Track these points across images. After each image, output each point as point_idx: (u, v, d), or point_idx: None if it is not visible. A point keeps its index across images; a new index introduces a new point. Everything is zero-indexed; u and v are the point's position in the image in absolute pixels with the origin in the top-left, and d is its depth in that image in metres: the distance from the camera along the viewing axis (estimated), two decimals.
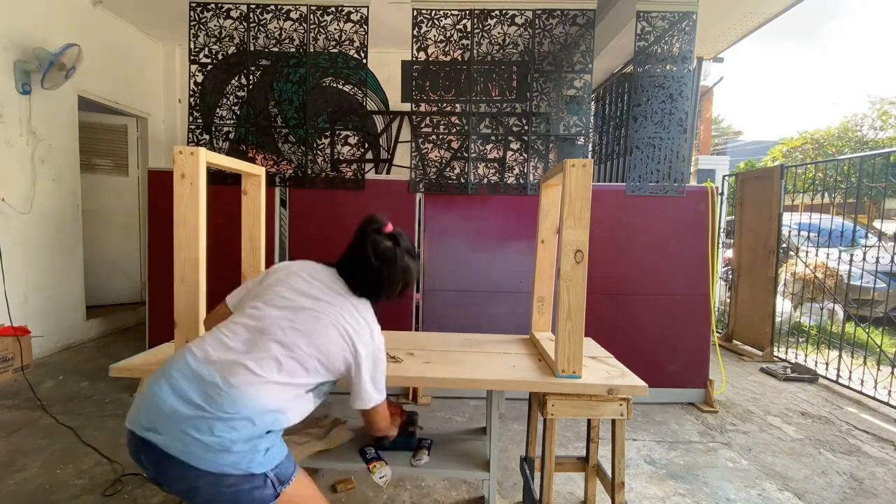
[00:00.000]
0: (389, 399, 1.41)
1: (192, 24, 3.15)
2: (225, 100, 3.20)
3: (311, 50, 3.16)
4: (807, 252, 4.70)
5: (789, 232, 4.81)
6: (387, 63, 3.87)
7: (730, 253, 5.34)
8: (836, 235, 4.05)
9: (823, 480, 2.33)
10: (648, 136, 3.15)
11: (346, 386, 1.29)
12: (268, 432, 1.12)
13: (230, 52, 3.17)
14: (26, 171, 3.77)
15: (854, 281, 4.76)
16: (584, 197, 1.49)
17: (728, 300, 5.20)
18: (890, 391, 3.29)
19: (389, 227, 1.39)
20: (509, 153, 3.21)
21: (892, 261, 3.33)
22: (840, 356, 3.75)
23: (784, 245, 4.52)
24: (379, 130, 3.33)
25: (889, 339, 5.15)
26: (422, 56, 3.14)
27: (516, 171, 3.21)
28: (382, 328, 1.34)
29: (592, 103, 4.76)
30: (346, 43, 3.16)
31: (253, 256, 2.05)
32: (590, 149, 3.28)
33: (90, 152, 4.90)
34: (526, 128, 3.19)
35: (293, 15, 3.14)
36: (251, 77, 3.19)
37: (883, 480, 2.34)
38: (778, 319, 4.56)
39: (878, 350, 3.62)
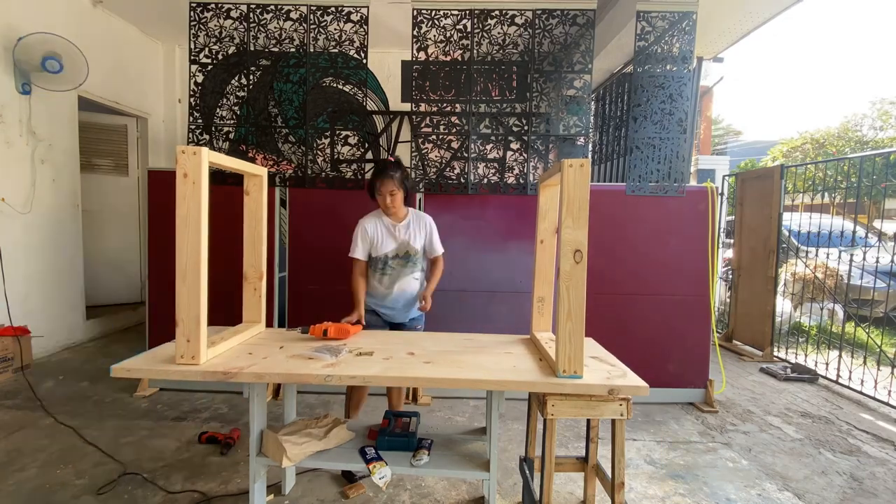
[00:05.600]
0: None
1: (192, 24, 3.15)
2: (225, 100, 3.20)
3: (311, 50, 3.16)
4: (807, 252, 4.70)
5: (789, 232, 4.80)
6: (387, 63, 3.87)
7: (730, 253, 5.34)
8: (835, 238, 4.05)
9: (823, 480, 2.34)
10: (648, 136, 3.15)
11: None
12: None
13: (230, 52, 3.17)
14: (26, 171, 3.77)
15: (854, 281, 4.76)
16: (583, 197, 1.49)
17: (728, 300, 5.20)
18: (890, 391, 3.29)
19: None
20: (509, 153, 3.21)
21: (892, 261, 3.32)
22: (840, 356, 3.75)
23: (784, 245, 4.52)
24: (379, 130, 3.33)
25: (889, 339, 5.15)
26: (422, 56, 3.14)
27: (516, 171, 3.21)
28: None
29: (592, 103, 4.77)
30: (346, 43, 3.16)
31: (254, 256, 2.05)
32: (590, 149, 3.27)
33: (90, 152, 4.90)
34: (526, 128, 3.19)
35: (293, 15, 3.14)
36: (251, 77, 3.19)
37: (883, 480, 2.35)
38: (778, 319, 4.55)
39: (878, 350, 3.62)
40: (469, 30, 3.12)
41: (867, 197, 5.02)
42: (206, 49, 3.17)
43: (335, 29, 3.15)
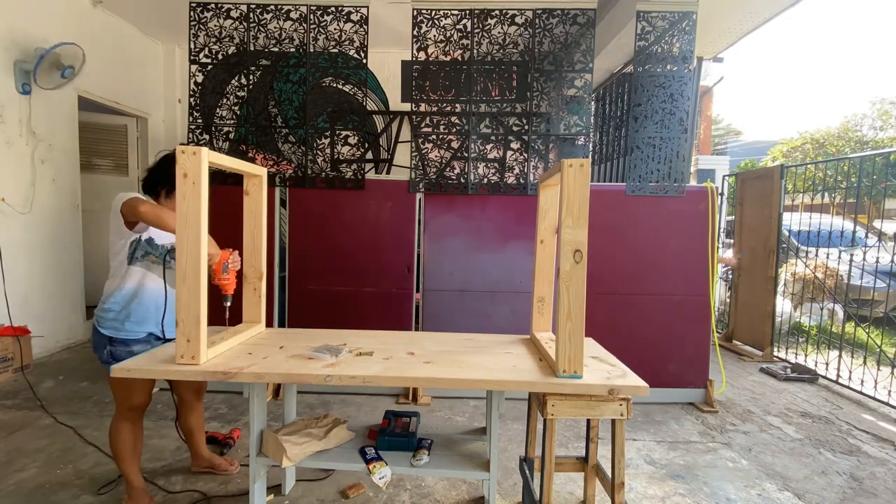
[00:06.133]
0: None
1: (192, 24, 3.15)
2: (225, 100, 3.20)
3: (311, 50, 3.16)
4: (807, 252, 4.70)
5: (789, 233, 4.81)
6: (387, 63, 3.88)
7: (730, 253, 5.34)
8: (835, 238, 4.05)
9: (823, 480, 2.33)
10: (649, 136, 3.15)
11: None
12: None
13: (230, 52, 3.17)
14: (26, 171, 3.77)
15: (854, 281, 4.76)
16: (583, 197, 1.49)
17: (728, 300, 5.20)
18: (890, 391, 3.29)
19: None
20: (509, 153, 3.21)
21: (892, 261, 3.33)
22: (840, 356, 3.75)
23: (784, 245, 4.52)
24: (379, 130, 3.33)
25: (889, 339, 5.15)
26: (422, 56, 3.14)
27: (516, 170, 3.21)
28: (382, 328, 1.35)
29: (593, 103, 4.77)
30: (346, 43, 3.16)
31: (254, 256, 2.05)
32: (590, 149, 3.27)
33: (90, 152, 4.90)
34: (526, 128, 3.19)
35: (293, 15, 3.14)
36: (251, 77, 3.19)
37: (883, 480, 2.35)
38: (778, 319, 4.55)
39: (878, 350, 3.62)
40: (469, 29, 3.12)
41: (867, 197, 5.03)
42: (206, 49, 3.17)
43: (335, 29, 3.15)
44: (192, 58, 3.17)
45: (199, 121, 3.19)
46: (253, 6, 3.13)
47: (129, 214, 1.75)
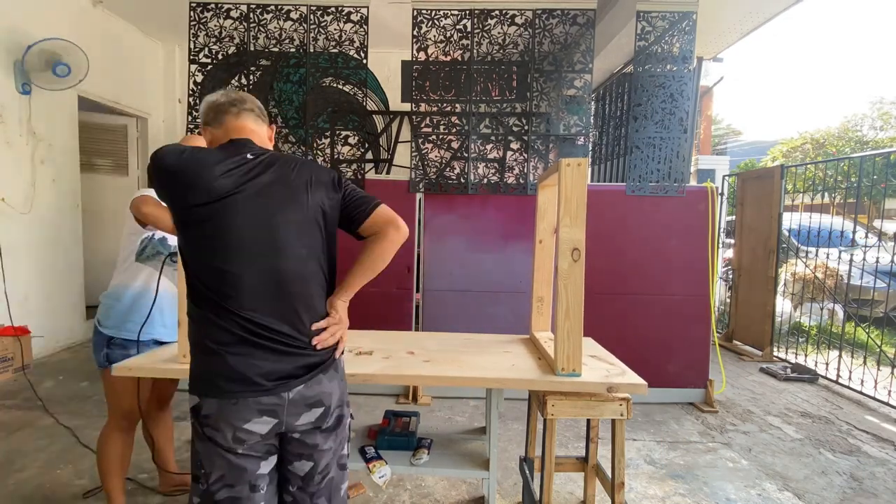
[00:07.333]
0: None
1: (192, 24, 3.15)
2: None
3: (312, 50, 3.16)
4: (807, 252, 4.70)
5: (788, 233, 4.81)
6: (387, 63, 3.88)
7: (730, 253, 5.34)
8: (835, 238, 4.05)
9: (823, 480, 2.33)
10: (649, 136, 3.15)
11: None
12: None
13: (230, 52, 3.18)
14: (26, 171, 3.77)
15: (854, 281, 4.75)
16: (580, 196, 1.49)
17: (728, 300, 5.20)
18: (890, 391, 3.29)
19: None
20: (509, 153, 3.21)
21: (892, 261, 3.32)
22: (840, 356, 3.75)
23: (784, 245, 4.52)
24: (379, 130, 3.34)
25: (889, 339, 5.15)
26: (422, 56, 3.14)
27: (516, 170, 3.22)
28: (382, 328, 1.35)
29: (592, 103, 4.77)
30: (347, 43, 3.16)
31: None
32: (590, 149, 3.27)
33: (90, 152, 4.90)
34: (526, 128, 3.19)
35: (293, 15, 3.14)
36: (251, 77, 3.19)
37: (883, 480, 2.34)
38: (778, 319, 4.55)
39: (878, 350, 3.62)
40: (469, 30, 3.12)
41: (867, 197, 5.03)
42: (206, 49, 3.17)
43: (335, 29, 3.15)
44: (191, 58, 3.17)
45: (199, 120, 3.19)
46: (253, 6, 3.13)
47: (135, 213, 1.64)
